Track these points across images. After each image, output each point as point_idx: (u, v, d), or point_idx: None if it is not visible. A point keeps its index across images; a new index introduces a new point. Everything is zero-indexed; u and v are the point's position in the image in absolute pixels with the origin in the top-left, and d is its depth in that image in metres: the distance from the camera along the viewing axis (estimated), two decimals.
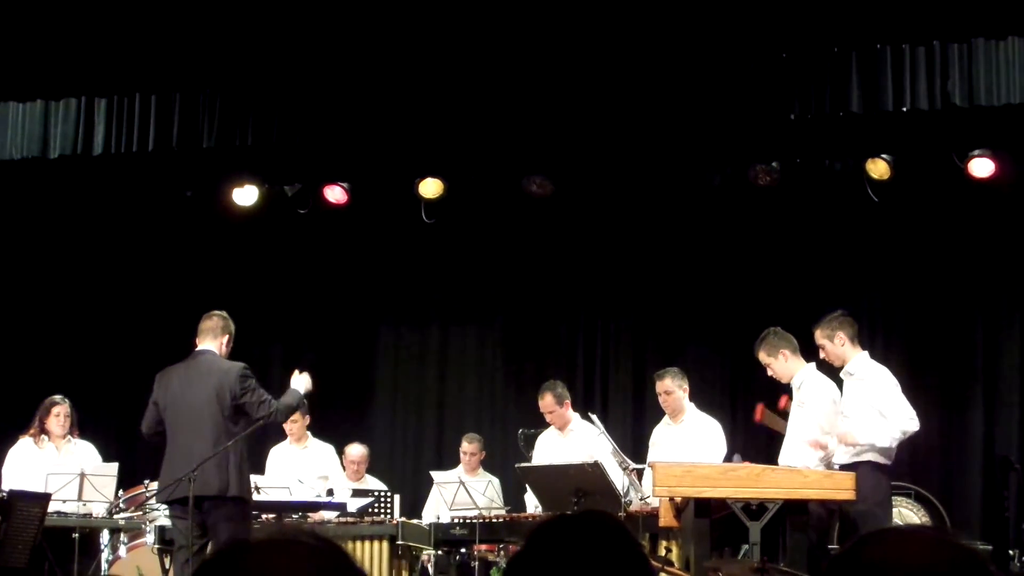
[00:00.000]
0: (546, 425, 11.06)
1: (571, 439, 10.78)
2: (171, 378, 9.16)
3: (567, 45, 10.68)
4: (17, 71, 11.44)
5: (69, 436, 11.03)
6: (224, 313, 9.38)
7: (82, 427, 11.40)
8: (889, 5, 10.20)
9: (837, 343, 9.03)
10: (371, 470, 12.65)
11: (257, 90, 11.27)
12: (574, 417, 10.91)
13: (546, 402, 10.90)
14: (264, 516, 10.13)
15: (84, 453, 11.07)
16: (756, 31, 10.40)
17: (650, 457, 10.40)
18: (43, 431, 10.96)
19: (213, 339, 9.22)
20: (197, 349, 9.25)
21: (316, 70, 11.17)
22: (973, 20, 10.02)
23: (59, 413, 10.94)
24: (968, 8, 10.07)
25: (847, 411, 8.96)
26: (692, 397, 10.63)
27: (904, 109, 10.16)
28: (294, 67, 11.16)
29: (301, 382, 9.39)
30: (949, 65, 10.03)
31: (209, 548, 8.75)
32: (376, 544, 10.06)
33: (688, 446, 10.05)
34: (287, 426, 11.20)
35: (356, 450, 12.18)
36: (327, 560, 1.92)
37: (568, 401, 10.97)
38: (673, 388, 10.32)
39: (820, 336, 9.11)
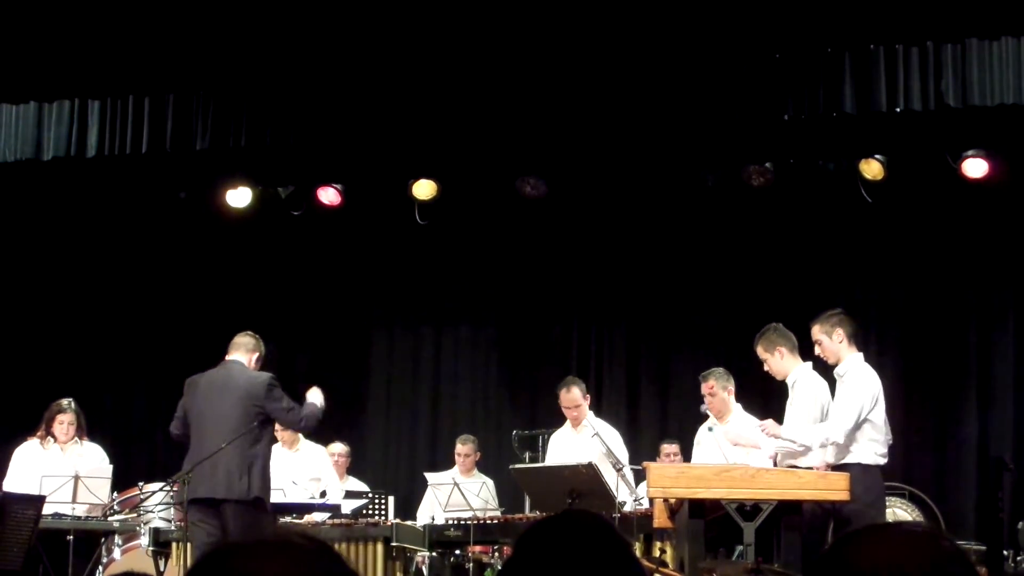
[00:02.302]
0: (541, 426, 11.02)
1: (584, 435, 10.70)
2: (199, 384, 9.47)
3: (560, 46, 10.68)
4: (10, 73, 11.43)
5: (77, 439, 11.01)
6: (257, 335, 9.77)
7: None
8: (882, 5, 10.21)
9: (835, 339, 9.01)
10: (362, 471, 12.64)
11: (250, 92, 11.26)
12: (589, 414, 10.84)
13: (572, 396, 10.72)
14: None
15: (91, 455, 11.04)
16: (749, 32, 10.40)
17: (695, 458, 10.39)
18: (49, 434, 10.96)
19: (245, 354, 9.59)
20: (227, 359, 9.53)
21: (309, 72, 11.16)
22: (966, 20, 10.02)
23: (63, 421, 10.91)
24: (961, 8, 10.08)
25: (831, 411, 8.97)
26: (688, 399, 10.61)
27: (898, 109, 10.16)
28: (287, 69, 11.15)
29: (316, 395, 9.75)
30: (942, 65, 10.03)
31: None
32: (370, 546, 10.04)
33: (736, 447, 9.98)
34: (278, 432, 11.16)
35: (336, 447, 12.16)
36: (318, 561, 1.91)
37: (588, 397, 10.92)
38: (717, 389, 10.22)
39: (818, 331, 9.08)
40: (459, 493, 10.93)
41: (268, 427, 9.40)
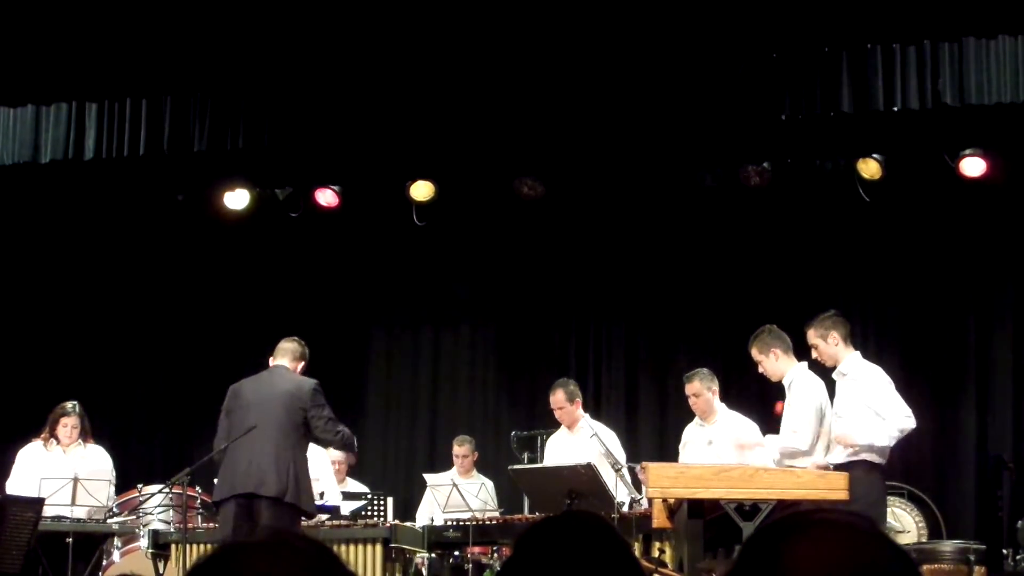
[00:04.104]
0: (540, 427, 11.03)
1: (580, 437, 10.72)
2: (244, 388, 9.53)
3: (557, 46, 10.68)
4: (8, 76, 11.42)
5: (80, 441, 11.00)
6: (302, 341, 9.85)
7: None
8: (880, 5, 10.21)
9: (831, 343, 9.02)
10: (363, 473, 12.63)
11: (248, 93, 11.26)
12: (584, 416, 10.85)
13: (556, 398, 10.82)
14: None
15: (94, 458, 11.03)
16: (746, 31, 10.41)
17: (681, 458, 10.41)
18: (53, 436, 10.96)
19: (291, 360, 9.68)
20: (272, 364, 9.64)
21: (307, 73, 11.16)
22: (964, 19, 10.03)
23: (67, 424, 10.92)
24: (959, 7, 10.08)
25: (840, 412, 8.96)
26: (687, 399, 10.61)
27: (895, 109, 10.17)
28: (285, 70, 11.15)
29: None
30: (940, 64, 10.04)
31: None
32: (369, 547, 10.04)
33: (724, 447, 9.99)
34: None
35: (336, 453, 12.13)
36: (316, 562, 1.91)
37: (579, 400, 10.91)
38: (702, 390, 10.24)
39: (813, 335, 9.10)
40: (458, 494, 10.93)
41: (308, 433, 9.40)
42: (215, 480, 9.55)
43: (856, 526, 1.86)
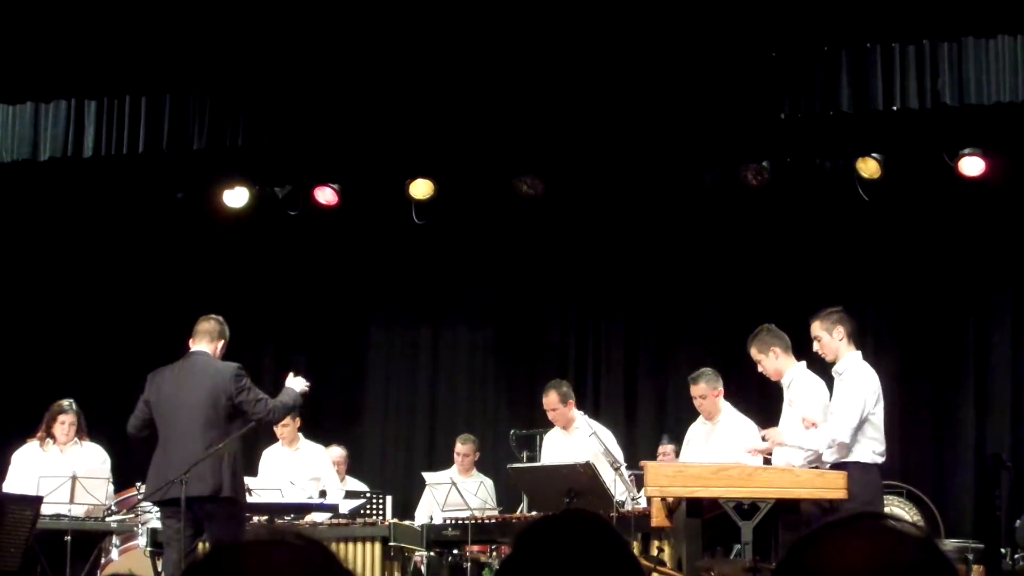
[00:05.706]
0: (539, 426, 11.03)
1: (576, 437, 10.73)
2: (164, 378, 9.14)
3: (557, 45, 10.67)
4: (7, 73, 11.42)
5: (76, 440, 10.99)
6: (220, 318, 9.35)
7: None
8: (879, 4, 10.21)
9: (835, 336, 8.97)
10: (362, 471, 12.63)
11: (247, 91, 11.26)
12: (578, 416, 10.86)
13: (550, 400, 10.82)
14: (255, 518, 10.10)
15: (91, 456, 11.02)
16: (746, 31, 10.40)
17: (683, 456, 10.41)
18: (49, 435, 10.95)
19: (209, 342, 9.20)
20: (191, 350, 9.23)
21: (307, 71, 11.16)
22: (963, 19, 10.03)
23: (64, 421, 10.91)
24: (958, 7, 10.08)
25: (833, 410, 8.94)
26: (685, 398, 10.61)
27: (894, 108, 10.16)
28: (284, 68, 11.15)
29: (297, 383, 9.33)
30: (939, 64, 10.03)
31: (200, 548, 8.82)
32: (368, 545, 10.04)
33: (724, 446, 9.99)
34: (278, 429, 11.15)
35: (335, 451, 12.13)
36: (314, 560, 1.91)
37: (572, 401, 10.91)
38: (708, 391, 10.22)
39: (818, 328, 9.02)
40: (457, 493, 10.93)
41: (237, 421, 9.10)
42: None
43: (899, 530, 1.88)
